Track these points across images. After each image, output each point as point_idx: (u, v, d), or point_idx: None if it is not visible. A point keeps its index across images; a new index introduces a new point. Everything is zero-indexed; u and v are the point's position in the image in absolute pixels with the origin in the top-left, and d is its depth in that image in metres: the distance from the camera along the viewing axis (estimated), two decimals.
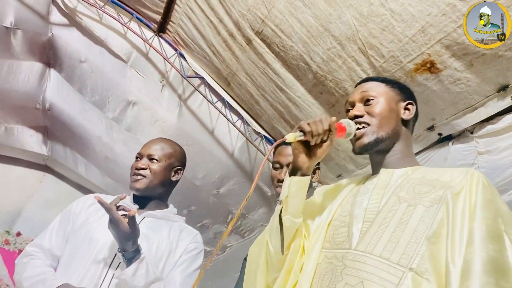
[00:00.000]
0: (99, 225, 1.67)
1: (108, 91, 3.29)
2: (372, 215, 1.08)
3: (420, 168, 1.18)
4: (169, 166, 1.84)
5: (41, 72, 3.53)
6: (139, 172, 1.78)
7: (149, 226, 1.73)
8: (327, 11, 2.00)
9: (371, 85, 1.25)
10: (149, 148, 1.86)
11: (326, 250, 1.09)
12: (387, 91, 1.23)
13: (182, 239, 1.76)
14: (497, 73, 1.79)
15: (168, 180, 1.84)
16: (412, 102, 1.26)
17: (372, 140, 1.17)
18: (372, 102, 1.20)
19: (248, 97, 2.85)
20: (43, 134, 4.19)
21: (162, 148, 1.85)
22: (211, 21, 2.54)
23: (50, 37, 3.26)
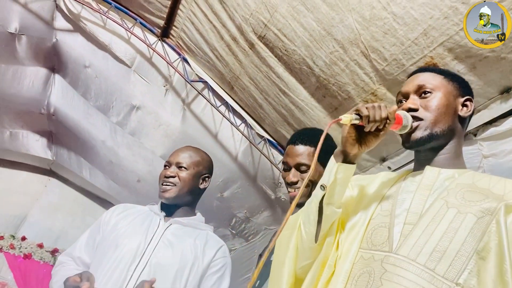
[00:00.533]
0: (126, 230, 1.71)
1: (112, 96, 3.31)
2: (414, 218, 1.00)
3: (468, 172, 1.10)
4: (197, 174, 1.86)
5: (46, 77, 3.57)
6: (169, 180, 1.80)
7: (175, 233, 1.74)
8: (330, 15, 2.01)
9: (428, 76, 1.17)
10: (177, 156, 1.88)
11: (362, 250, 1.02)
12: (445, 85, 1.15)
13: (209, 247, 1.76)
14: (500, 76, 1.79)
15: (197, 188, 1.87)
16: (470, 98, 1.17)
17: (426, 135, 1.09)
18: (428, 95, 1.12)
19: (251, 100, 2.86)
20: (47, 139, 4.22)
21: (190, 156, 1.88)
22: (214, 25, 2.56)
23: (54, 43, 3.29)
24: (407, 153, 2.34)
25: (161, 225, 1.75)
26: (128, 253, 1.62)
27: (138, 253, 1.63)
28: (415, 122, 1.09)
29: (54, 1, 3.09)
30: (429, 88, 1.13)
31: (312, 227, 1.07)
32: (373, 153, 2.48)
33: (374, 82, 2.11)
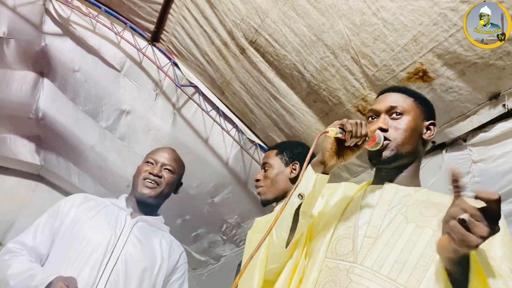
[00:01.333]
0: (92, 224, 1.67)
1: (101, 100, 3.28)
2: (374, 231, 1.07)
3: (422, 189, 1.17)
4: (178, 179, 1.90)
5: (34, 81, 3.53)
6: (155, 179, 1.78)
7: (142, 230, 1.75)
8: (320, 21, 2.01)
9: (399, 98, 1.23)
10: (163, 156, 1.87)
11: (327, 260, 1.07)
12: (414, 108, 1.22)
13: (173, 251, 1.79)
14: (489, 82, 1.80)
15: (171, 192, 1.89)
16: (434, 122, 1.25)
17: (392, 155, 1.16)
18: (399, 117, 1.19)
19: (242, 105, 2.85)
20: (36, 144, 4.17)
21: (175, 160, 1.89)
22: (205, 30, 2.55)
23: (43, 47, 3.26)
24: None
25: (128, 221, 1.73)
26: (98, 247, 1.59)
27: (109, 248, 1.61)
28: (385, 141, 1.16)
29: (43, 5, 3.06)
30: (400, 110, 1.20)
31: (284, 233, 1.11)
32: (363, 159, 2.48)
33: (364, 87, 2.11)
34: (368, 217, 1.10)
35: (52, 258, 1.63)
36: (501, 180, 1.90)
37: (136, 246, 1.66)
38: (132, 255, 1.63)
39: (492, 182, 1.92)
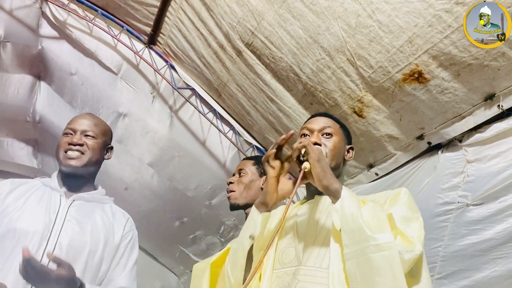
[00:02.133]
0: (22, 214, 1.52)
1: (98, 103, 3.27)
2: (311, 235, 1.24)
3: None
4: (104, 144, 1.76)
5: (31, 84, 3.52)
6: (77, 148, 1.63)
7: (80, 210, 1.62)
8: (316, 23, 2.02)
9: (330, 122, 1.45)
10: (82, 123, 1.71)
11: (276, 271, 1.22)
12: (340, 132, 1.45)
13: (117, 223, 1.69)
14: (484, 83, 1.81)
15: (101, 159, 1.76)
16: (352, 147, 1.49)
17: None
18: (329, 137, 1.40)
19: (239, 108, 2.86)
20: (33, 147, 4.15)
21: (96, 124, 1.74)
22: (201, 33, 2.56)
23: (40, 50, 3.25)
24: (394, 159, 2.36)
25: (62, 202, 1.59)
26: (31, 237, 1.46)
27: (44, 236, 1.48)
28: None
29: (40, 8, 3.06)
30: (330, 131, 1.41)
31: (240, 273, 1.24)
32: (360, 160, 2.49)
33: (360, 89, 2.12)
34: (305, 225, 1.28)
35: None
36: (493, 179, 1.91)
37: (74, 229, 1.53)
38: (71, 239, 1.51)
39: (484, 182, 1.94)
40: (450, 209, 2.07)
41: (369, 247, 1.04)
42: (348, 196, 1.15)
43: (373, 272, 1.03)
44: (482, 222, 1.96)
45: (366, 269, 1.04)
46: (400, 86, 1.99)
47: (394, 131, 2.22)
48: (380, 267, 1.02)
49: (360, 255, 1.05)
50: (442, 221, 2.10)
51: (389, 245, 1.03)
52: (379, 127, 2.24)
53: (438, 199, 2.10)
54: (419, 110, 2.05)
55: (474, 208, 1.98)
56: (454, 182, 2.06)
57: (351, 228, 1.08)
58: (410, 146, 2.25)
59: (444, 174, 2.09)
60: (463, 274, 2.06)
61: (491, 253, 1.95)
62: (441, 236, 2.11)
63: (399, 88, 2.00)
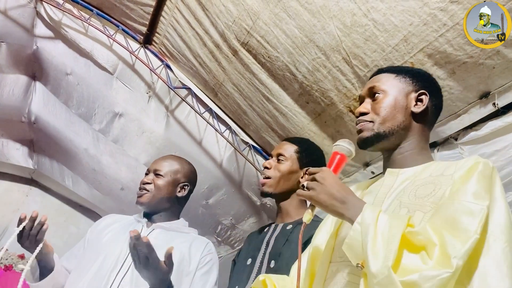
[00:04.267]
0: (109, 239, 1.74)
1: (94, 103, 3.27)
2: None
3: (432, 164, 1.11)
4: (174, 182, 1.88)
5: (26, 85, 3.51)
6: (144, 186, 1.83)
7: (158, 237, 1.74)
8: (311, 22, 2.02)
9: (381, 77, 1.20)
10: (156, 163, 1.92)
11: (332, 264, 1.06)
12: (396, 84, 1.18)
13: (195, 247, 1.76)
14: (479, 81, 1.82)
15: (173, 195, 1.88)
16: (425, 92, 1.17)
17: (371, 135, 1.13)
18: (378, 97, 1.16)
19: (235, 107, 2.86)
20: (28, 148, 4.14)
21: (169, 164, 1.91)
22: (197, 32, 2.55)
23: (35, 50, 3.24)
24: None
25: (143, 230, 1.76)
26: (109, 260, 1.62)
27: (120, 260, 1.62)
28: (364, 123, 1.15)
29: (35, 8, 3.05)
30: (379, 90, 1.16)
31: None
32: (356, 159, 2.49)
33: (356, 88, 2.13)
34: None
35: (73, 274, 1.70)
36: None
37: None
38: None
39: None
40: None
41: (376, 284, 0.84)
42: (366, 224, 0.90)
43: None
44: None
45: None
46: None
47: None
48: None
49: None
50: None
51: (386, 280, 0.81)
52: None
53: None
54: None
55: None
56: None
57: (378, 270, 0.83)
58: None
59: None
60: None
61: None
62: None
63: None
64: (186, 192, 1.93)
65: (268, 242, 1.71)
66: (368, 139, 1.14)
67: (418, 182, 1.04)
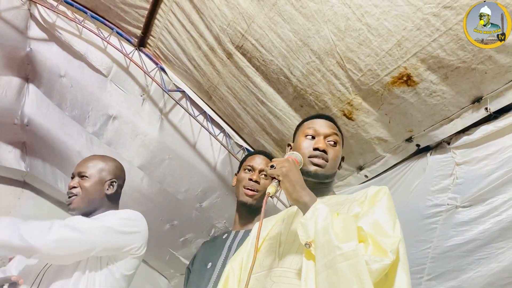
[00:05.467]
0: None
1: (88, 106, 3.25)
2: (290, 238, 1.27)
3: (335, 196, 1.43)
4: (100, 181, 1.86)
5: (19, 87, 3.48)
6: (71, 191, 1.82)
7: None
8: (306, 26, 2.03)
9: (336, 129, 1.47)
10: (79, 166, 1.89)
11: (256, 274, 1.23)
12: (341, 142, 1.47)
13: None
14: (471, 86, 1.84)
15: (103, 194, 1.86)
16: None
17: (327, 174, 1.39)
18: (334, 145, 1.41)
19: (229, 110, 2.86)
20: (21, 150, 4.11)
21: (93, 164, 1.89)
22: (192, 35, 2.55)
23: (28, 52, 3.22)
24: (383, 161, 2.37)
25: None
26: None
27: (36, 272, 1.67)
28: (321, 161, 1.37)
29: (28, 10, 3.03)
30: (335, 140, 1.43)
31: None
32: (350, 162, 2.50)
33: (350, 92, 2.14)
34: (286, 232, 1.30)
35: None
36: (482, 182, 1.93)
37: None
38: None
39: (474, 184, 1.96)
40: (440, 211, 2.09)
41: (335, 258, 1.02)
42: (320, 210, 1.12)
43: (341, 282, 1.00)
44: (468, 224, 1.99)
45: (334, 281, 1.01)
46: (389, 89, 2.01)
47: (383, 134, 2.24)
48: (347, 277, 1.00)
49: (328, 267, 1.03)
50: (432, 223, 2.12)
51: (354, 252, 1.01)
52: (368, 130, 2.26)
53: (428, 201, 2.13)
54: (408, 112, 2.07)
55: (463, 210, 2.01)
56: (444, 184, 2.08)
57: (321, 242, 1.07)
58: (399, 149, 2.27)
59: (434, 176, 2.11)
60: (451, 275, 2.09)
61: (476, 253, 1.98)
62: (431, 237, 2.13)
63: (388, 91, 2.01)
64: (115, 189, 1.91)
65: (230, 247, 1.83)
66: (321, 176, 1.38)
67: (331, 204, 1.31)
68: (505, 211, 1.89)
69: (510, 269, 1.90)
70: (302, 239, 1.11)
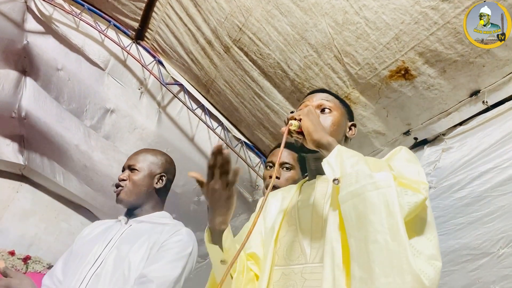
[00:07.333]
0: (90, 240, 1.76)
1: (85, 99, 3.25)
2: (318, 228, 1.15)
3: None
4: (150, 174, 1.86)
5: (17, 80, 3.47)
6: (119, 183, 1.81)
7: (135, 231, 1.73)
8: (303, 19, 2.02)
9: (329, 97, 1.36)
10: (130, 159, 1.89)
11: (281, 267, 1.14)
12: (341, 107, 1.35)
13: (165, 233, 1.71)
14: (469, 79, 1.83)
15: (151, 188, 1.85)
16: (355, 124, 1.39)
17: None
18: (327, 112, 1.30)
19: (227, 104, 2.85)
20: (19, 143, 4.11)
21: (143, 158, 1.89)
22: (189, 28, 2.54)
23: (25, 45, 3.21)
24: (381, 155, 2.37)
25: (121, 228, 1.76)
26: (85, 258, 1.63)
27: (94, 256, 1.63)
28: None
29: (25, 3, 3.01)
30: (328, 106, 1.31)
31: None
32: None
33: (347, 86, 2.13)
34: (308, 217, 1.18)
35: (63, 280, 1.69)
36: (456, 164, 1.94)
37: (122, 246, 1.65)
38: (115, 255, 1.63)
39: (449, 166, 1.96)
40: None
41: (365, 186, 0.97)
42: (345, 149, 1.08)
43: (368, 210, 0.94)
44: (434, 200, 1.99)
45: (361, 208, 0.95)
46: (386, 83, 2.00)
47: (381, 127, 2.24)
48: (376, 204, 0.94)
49: (355, 195, 0.97)
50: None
51: (387, 182, 0.96)
52: (366, 123, 2.26)
53: None
54: (406, 106, 2.07)
55: (434, 190, 2.01)
56: (427, 170, 2.08)
57: (348, 172, 1.01)
58: (397, 142, 2.27)
59: (422, 165, 2.11)
60: None
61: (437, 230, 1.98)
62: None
63: (386, 84, 2.01)
64: (164, 183, 1.90)
65: None
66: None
67: None
68: (468, 187, 1.88)
69: (469, 246, 1.89)
70: (330, 176, 1.04)
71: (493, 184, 1.79)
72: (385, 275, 0.88)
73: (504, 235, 1.75)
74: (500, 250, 1.76)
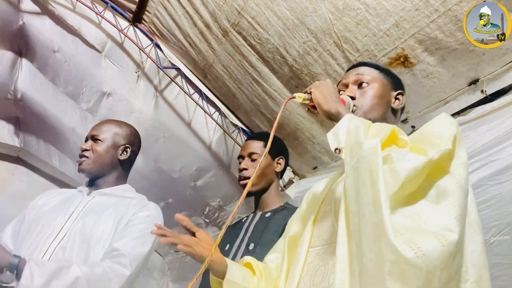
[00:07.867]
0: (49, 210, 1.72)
1: (82, 82, 3.22)
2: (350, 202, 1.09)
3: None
4: (114, 145, 1.83)
5: (12, 61, 3.42)
6: (82, 153, 1.79)
7: (97, 203, 1.71)
8: (303, 4, 2.00)
9: (366, 69, 1.27)
10: (94, 129, 1.87)
11: (316, 248, 1.11)
12: (381, 78, 1.26)
13: (132, 207, 1.71)
14: (468, 68, 1.83)
15: (115, 159, 1.83)
16: (402, 92, 1.29)
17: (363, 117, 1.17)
18: (365, 86, 1.23)
19: (225, 89, 2.84)
20: (14, 125, 4.07)
21: (107, 128, 1.86)
22: (187, 11, 2.51)
23: (21, 26, 3.16)
24: None
25: (83, 199, 1.74)
26: (46, 228, 1.61)
27: (57, 227, 1.61)
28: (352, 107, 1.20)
29: None
30: (366, 80, 1.24)
31: None
32: None
33: None
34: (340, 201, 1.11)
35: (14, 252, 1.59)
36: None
37: (85, 221, 1.63)
38: (81, 228, 1.61)
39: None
40: None
41: (359, 158, 0.91)
42: (355, 117, 1.02)
43: (359, 183, 0.88)
44: None
45: (356, 182, 0.90)
46: None
47: None
48: (363, 175, 0.87)
49: (354, 169, 0.91)
50: None
51: (372, 150, 0.88)
52: None
53: None
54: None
55: None
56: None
57: (351, 143, 0.95)
58: None
59: None
60: None
61: None
62: None
63: None
64: (128, 155, 1.87)
65: (247, 229, 1.83)
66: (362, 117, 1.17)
67: None
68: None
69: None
70: (332, 144, 0.99)
71: (490, 173, 1.80)
72: (369, 250, 0.82)
73: (497, 223, 1.76)
74: (491, 238, 1.78)
